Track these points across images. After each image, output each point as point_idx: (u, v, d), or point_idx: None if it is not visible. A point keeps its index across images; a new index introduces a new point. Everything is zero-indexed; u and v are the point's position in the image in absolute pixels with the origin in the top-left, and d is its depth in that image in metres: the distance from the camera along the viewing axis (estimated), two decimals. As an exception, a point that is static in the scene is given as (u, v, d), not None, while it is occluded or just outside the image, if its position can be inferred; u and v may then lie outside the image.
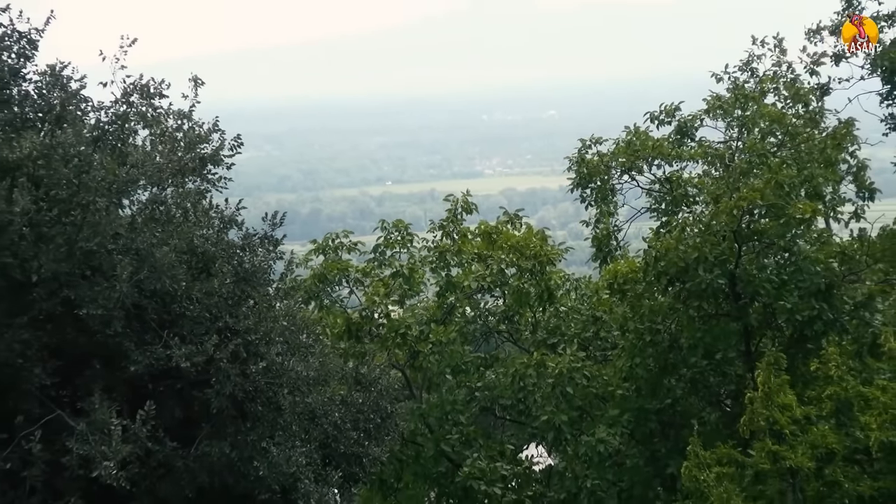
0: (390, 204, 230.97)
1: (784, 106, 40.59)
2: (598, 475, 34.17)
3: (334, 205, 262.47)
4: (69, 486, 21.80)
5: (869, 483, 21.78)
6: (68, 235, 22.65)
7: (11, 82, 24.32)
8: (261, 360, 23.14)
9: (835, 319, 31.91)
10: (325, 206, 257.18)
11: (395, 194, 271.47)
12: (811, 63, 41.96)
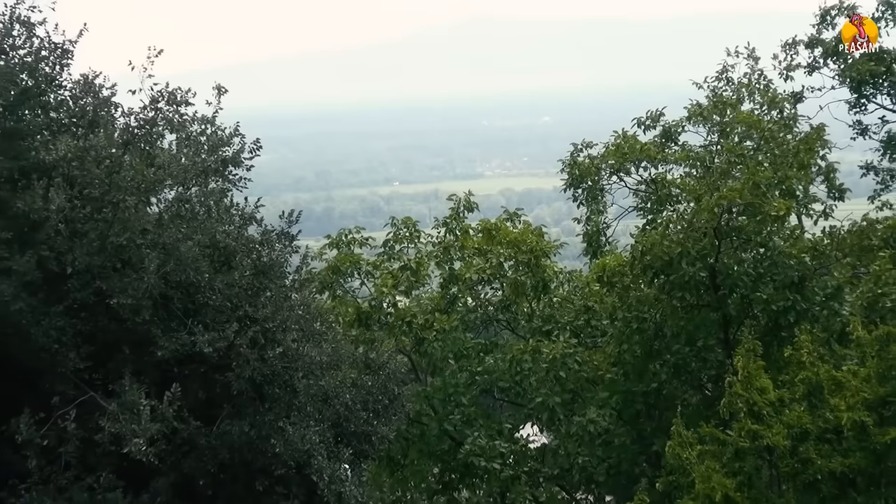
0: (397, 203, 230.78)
1: (760, 112, 40.59)
2: (588, 452, 34.23)
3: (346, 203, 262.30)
4: (101, 461, 21.81)
5: (840, 460, 21.74)
6: (100, 231, 22.67)
7: (48, 90, 24.34)
8: (278, 346, 23.15)
9: (807, 309, 31.93)
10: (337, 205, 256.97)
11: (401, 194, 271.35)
12: (784, 69, 41.96)
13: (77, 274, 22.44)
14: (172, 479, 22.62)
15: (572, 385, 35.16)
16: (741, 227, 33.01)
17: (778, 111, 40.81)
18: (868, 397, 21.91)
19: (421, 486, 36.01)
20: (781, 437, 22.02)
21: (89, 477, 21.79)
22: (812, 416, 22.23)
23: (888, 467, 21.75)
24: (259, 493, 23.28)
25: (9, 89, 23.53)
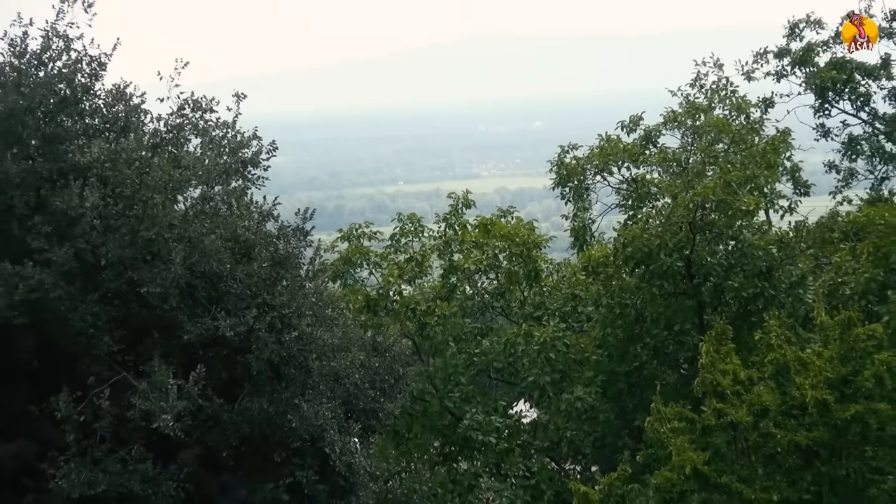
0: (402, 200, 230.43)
1: (730, 117, 40.59)
2: (575, 427, 34.26)
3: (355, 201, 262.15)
4: (132, 435, 21.82)
5: (805, 434, 21.74)
6: (131, 226, 22.65)
7: (84, 98, 24.31)
8: (293, 331, 23.14)
9: (774, 296, 31.95)
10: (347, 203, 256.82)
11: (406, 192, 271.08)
12: (746, 73, 41.99)
13: (110, 265, 22.44)
14: (198, 452, 22.63)
15: (561, 365, 35.18)
16: (714, 221, 33.01)
17: (745, 116, 40.79)
18: (830, 376, 21.90)
19: (423, 457, 36.00)
20: (744, 414, 22.04)
21: (122, 450, 21.81)
22: (773, 395, 22.24)
23: (848, 440, 21.75)
24: (277, 463, 23.28)
25: (48, 98, 23.51)
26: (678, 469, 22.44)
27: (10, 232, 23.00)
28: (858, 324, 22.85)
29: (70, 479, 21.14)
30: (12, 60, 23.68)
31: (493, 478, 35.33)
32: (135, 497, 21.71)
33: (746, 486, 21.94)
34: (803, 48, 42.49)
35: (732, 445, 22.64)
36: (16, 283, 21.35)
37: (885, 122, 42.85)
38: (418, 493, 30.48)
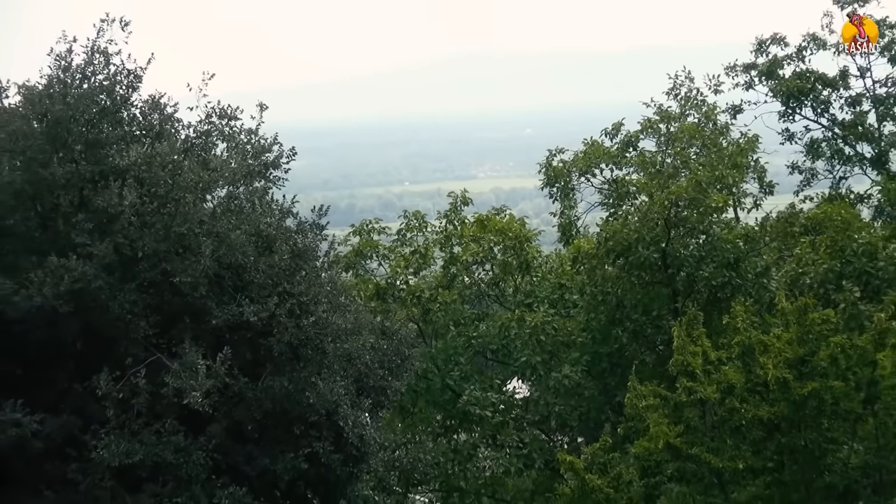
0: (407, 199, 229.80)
1: (700, 123, 40.59)
2: (563, 402, 34.34)
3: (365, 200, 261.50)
4: (166, 410, 21.84)
5: (767, 408, 21.80)
6: (165, 222, 22.67)
7: (122, 108, 24.34)
8: (310, 316, 23.15)
9: (741, 285, 32.04)
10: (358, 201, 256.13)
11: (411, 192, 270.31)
12: (714, 85, 41.99)
13: (146, 257, 22.46)
14: (225, 425, 22.67)
15: (550, 347, 35.23)
16: (686, 217, 33.11)
17: (713, 122, 40.81)
18: (790, 357, 21.96)
19: (427, 430, 36.05)
20: (712, 392, 22.09)
21: (156, 423, 21.84)
22: (739, 374, 22.29)
23: (806, 414, 21.82)
24: (296, 436, 23.30)
25: (91, 108, 23.53)
26: (654, 441, 22.53)
27: (56, 228, 23.09)
28: (815, 310, 22.93)
29: (110, 450, 21.18)
30: (58, 74, 23.71)
31: (490, 448, 35.46)
32: (168, 465, 21.75)
33: (715, 457, 22.02)
34: (769, 62, 42.50)
35: (702, 419, 22.70)
36: (62, 274, 21.39)
37: (843, 127, 42.84)
38: (422, 462, 30.46)
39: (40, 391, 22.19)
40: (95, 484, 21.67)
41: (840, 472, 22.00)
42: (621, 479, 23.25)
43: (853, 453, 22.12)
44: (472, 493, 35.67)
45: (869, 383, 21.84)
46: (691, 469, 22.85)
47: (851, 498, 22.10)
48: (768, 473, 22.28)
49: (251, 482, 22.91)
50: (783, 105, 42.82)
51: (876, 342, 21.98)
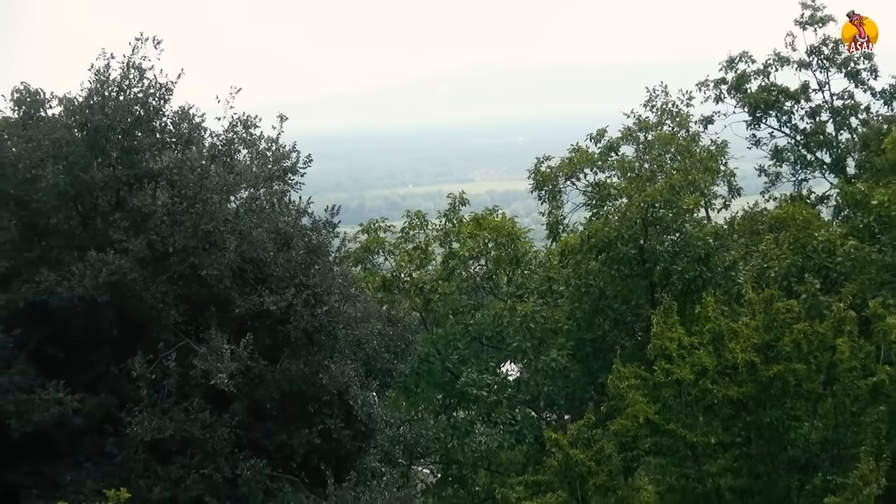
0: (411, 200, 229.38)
1: (674, 132, 40.60)
2: (551, 383, 34.35)
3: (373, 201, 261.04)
4: (194, 390, 21.88)
5: (736, 389, 21.82)
6: (193, 221, 22.69)
7: (155, 118, 24.35)
8: (324, 305, 23.16)
9: (711, 278, 32.06)
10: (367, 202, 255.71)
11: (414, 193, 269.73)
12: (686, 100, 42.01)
13: (176, 252, 22.49)
14: (246, 404, 22.69)
15: (539, 334, 35.26)
16: (662, 217, 33.14)
17: (686, 131, 40.84)
18: (756, 342, 21.97)
19: (428, 408, 36.08)
20: (687, 373, 22.11)
21: (185, 402, 21.87)
22: (714, 357, 22.31)
23: (770, 394, 21.83)
24: (311, 413, 23.33)
25: (126, 118, 23.52)
26: (633, 418, 22.53)
27: (95, 226, 23.13)
28: (779, 300, 22.94)
29: (143, 426, 21.22)
30: (97, 87, 23.72)
31: (485, 424, 35.47)
32: (195, 440, 21.78)
33: (689, 432, 22.03)
34: (738, 77, 42.52)
35: (678, 399, 22.70)
36: (100, 267, 21.42)
37: (804, 135, 42.90)
38: (424, 437, 30.51)
39: (80, 373, 22.24)
40: (130, 457, 21.73)
41: (802, 447, 22.02)
42: (602, 453, 23.26)
43: (813, 430, 22.14)
44: (469, 465, 35.76)
45: (828, 366, 21.86)
46: (667, 443, 22.86)
47: (812, 470, 22.11)
48: (737, 447, 22.30)
49: (270, 455, 22.96)
50: (750, 115, 42.89)
51: (834, 329, 22.00)
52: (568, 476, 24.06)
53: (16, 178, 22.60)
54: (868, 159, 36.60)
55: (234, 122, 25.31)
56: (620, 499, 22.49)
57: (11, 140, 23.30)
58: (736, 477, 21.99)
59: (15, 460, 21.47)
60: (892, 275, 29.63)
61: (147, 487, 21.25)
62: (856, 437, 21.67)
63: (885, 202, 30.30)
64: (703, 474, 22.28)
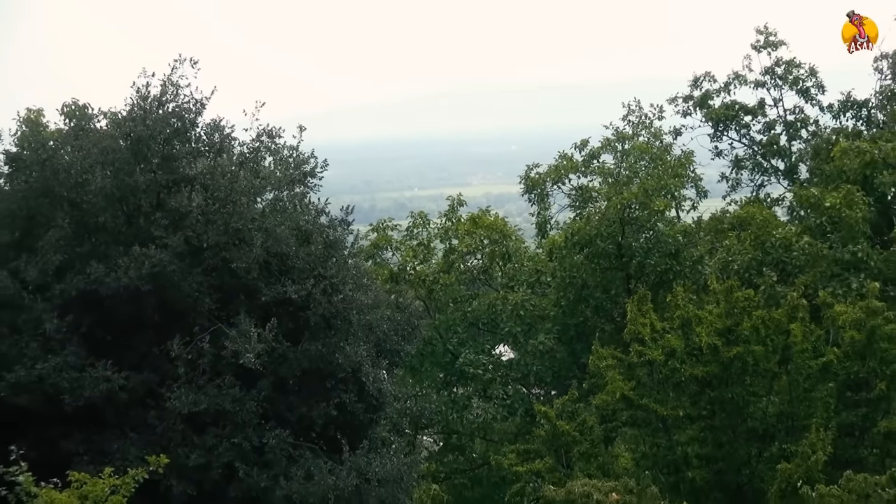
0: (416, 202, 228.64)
1: (647, 142, 40.61)
2: (539, 363, 34.46)
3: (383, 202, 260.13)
4: (225, 368, 21.89)
5: (701, 368, 21.88)
6: (225, 220, 22.70)
7: (190, 129, 24.37)
8: (339, 294, 23.16)
9: (680, 271, 32.12)
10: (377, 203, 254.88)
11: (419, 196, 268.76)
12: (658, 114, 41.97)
13: (210, 247, 22.51)
14: (272, 380, 22.69)
15: (528, 319, 35.37)
16: (637, 217, 33.20)
17: (659, 141, 40.87)
18: (719, 327, 22.05)
19: (431, 385, 36.14)
20: (658, 354, 22.17)
21: (218, 379, 21.87)
22: (682, 340, 22.38)
23: (732, 373, 21.91)
24: (328, 389, 23.33)
25: (165, 129, 23.55)
26: (611, 394, 22.62)
27: (138, 224, 23.14)
28: (740, 290, 23.01)
29: (181, 400, 21.25)
30: (139, 102, 23.75)
31: (481, 399, 35.57)
32: (227, 412, 21.80)
33: (660, 406, 22.11)
34: (702, 95, 42.54)
35: (650, 377, 22.78)
36: (143, 261, 21.44)
37: (760, 146, 42.92)
38: (428, 410, 30.50)
39: (126, 353, 22.27)
40: (169, 427, 21.75)
41: (760, 419, 22.09)
42: (585, 425, 23.34)
43: (770, 404, 22.21)
44: (467, 435, 35.83)
45: (783, 348, 21.95)
46: (641, 416, 22.92)
47: (768, 440, 22.18)
48: (702, 420, 22.36)
49: (292, 426, 22.97)
50: (713, 128, 42.91)
51: (789, 316, 22.09)
52: (554, 444, 24.16)
53: (69, 182, 22.65)
54: (818, 167, 36.60)
55: (260, 132, 25.31)
56: (601, 464, 22.56)
57: (64, 149, 23.37)
58: (702, 446, 22.06)
59: (68, 430, 21.53)
60: (840, 268, 29.74)
61: (184, 455, 21.29)
62: (807, 410, 21.76)
63: (836, 204, 30.39)
64: (673, 443, 22.35)
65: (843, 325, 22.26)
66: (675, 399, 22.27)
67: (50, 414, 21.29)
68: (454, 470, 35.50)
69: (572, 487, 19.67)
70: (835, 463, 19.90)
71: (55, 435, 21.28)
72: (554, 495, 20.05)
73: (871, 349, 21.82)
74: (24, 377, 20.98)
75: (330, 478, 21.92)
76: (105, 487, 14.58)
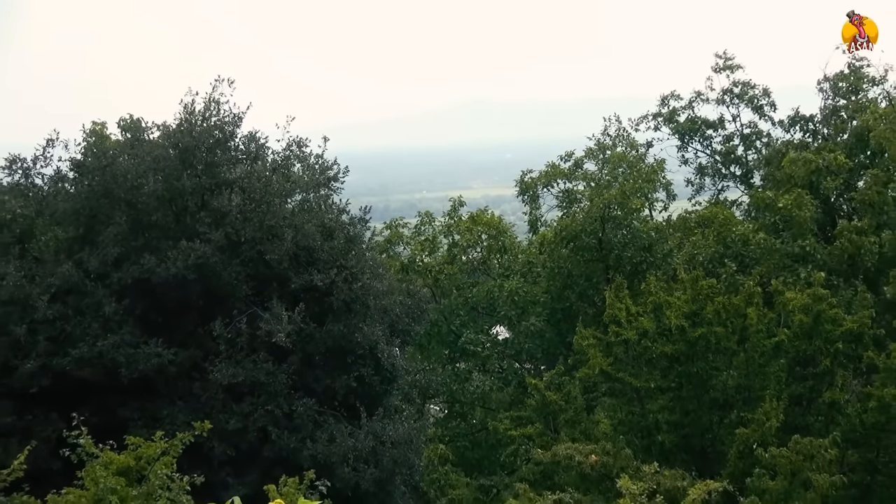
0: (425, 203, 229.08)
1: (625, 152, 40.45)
2: (530, 342, 34.47)
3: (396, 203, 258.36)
4: (259, 345, 21.93)
5: (670, 346, 21.83)
6: (260, 218, 22.73)
7: (230, 139, 24.40)
8: (358, 282, 23.20)
9: (653, 262, 32.02)
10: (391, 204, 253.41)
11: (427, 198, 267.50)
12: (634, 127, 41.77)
13: (246, 242, 22.53)
14: (300, 356, 22.75)
15: (521, 304, 35.30)
16: (616, 216, 33.11)
17: (635, 151, 40.70)
18: (686, 311, 21.98)
19: (437, 360, 36.16)
20: (632, 334, 22.12)
21: (253, 355, 21.93)
22: (654, 322, 22.32)
23: (696, 350, 21.83)
24: (348, 363, 23.38)
25: (208, 140, 23.60)
26: (592, 368, 22.56)
27: (185, 222, 23.17)
28: (704, 279, 22.95)
29: (222, 373, 21.31)
30: (186, 117, 23.81)
31: (480, 373, 35.55)
32: (261, 384, 21.86)
33: (634, 379, 22.06)
34: (670, 111, 42.38)
35: (626, 354, 22.72)
36: (189, 253, 21.49)
37: (720, 155, 42.80)
38: (434, 382, 30.58)
39: (174, 333, 22.33)
40: (212, 397, 21.82)
41: (721, 390, 22.03)
42: (570, 395, 23.30)
43: (729, 377, 22.14)
44: (468, 404, 35.80)
45: (741, 329, 21.88)
46: (618, 388, 22.88)
47: (728, 408, 22.12)
48: (671, 391, 22.31)
49: (318, 395, 23.04)
50: (680, 140, 42.74)
51: (746, 301, 22.01)
52: (543, 412, 24.13)
53: (125, 185, 22.69)
54: (770, 174, 36.52)
55: (290, 142, 25.37)
56: (583, 430, 22.52)
57: (122, 157, 23.42)
58: (670, 413, 22.02)
59: (125, 399, 21.61)
60: (791, 260, 29.72)
61: (224, 420, 21.35)
62: (761, 383, 21.71)
63: (787, 206, 30.40)
64: (646, 411, 22.31)
65: (793, 310, 22.20)
66: (648, 373, 22.23)
67: (109, 385, 21.36)
68: (457, 434, 35.49)
69: (558, 450, 19.68)
70: (785, 428, 19.85)
71: (113, 403, 21.36)
72: (542, 456, 20.06)
73: (816, 330, 21.76)
74: (87, 353, 21.04)
75: (350, 440, 21.98)
76: (157, 449, 14.60)
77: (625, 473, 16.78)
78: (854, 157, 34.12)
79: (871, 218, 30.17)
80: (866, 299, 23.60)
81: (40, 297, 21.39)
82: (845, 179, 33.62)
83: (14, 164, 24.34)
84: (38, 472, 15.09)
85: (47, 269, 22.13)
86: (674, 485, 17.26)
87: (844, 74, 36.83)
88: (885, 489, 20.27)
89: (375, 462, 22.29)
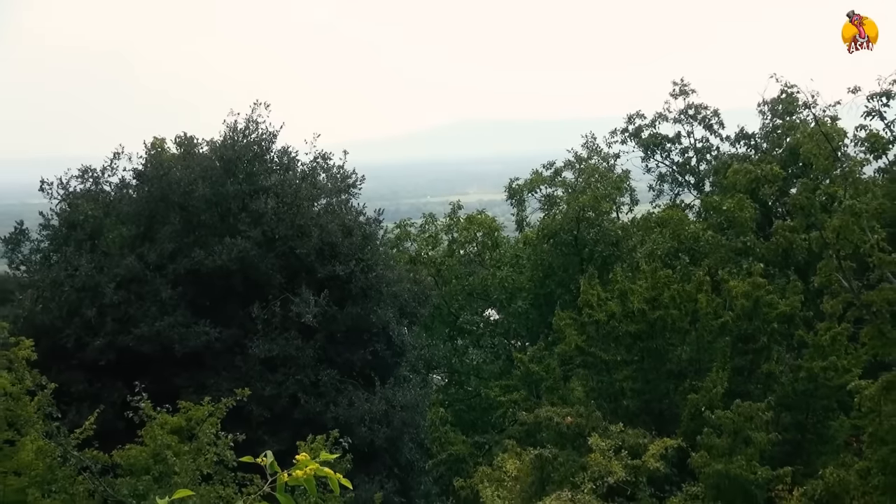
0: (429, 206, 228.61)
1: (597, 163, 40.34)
2: (517, 322, 34.41)
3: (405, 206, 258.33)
4: (291, 325, 22.00)
5: (634, 326, 21.82)
6: (291, 218, 22.77)
7: (266, 153, 24.41)
8: (373, 272, 23.24)
9: (620, 256, 31.98)
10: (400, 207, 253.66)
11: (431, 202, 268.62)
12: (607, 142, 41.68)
13: (280, 239, 22.58)
14: (324, 334, 22.81)
15: (510, 290, 35.26)
16: (589, 217, 33.06)
17: (605, 162, 40.61)
18: (647, 296, 21.97)
19: (439, 337, 36.16)
20: (602, 315, 22.11)
21: (286, 333, 21.99)
22: (620, 305, 22.31)
23: (655, 329, 21.81)
24: (365, 340, 23.43)
25: (248, 153, 23.62)
26: (568, 344, 22.56)
27: (228, 222, 23.19)
28: (662, 270, 22.93)
29: (259, 348, 21.38)
30: (229, 134, 23.82)
31: (475, 348, 35.56)
32: (292, 357, 21.92)
33: (604, 353, 22.05)
34: (635, 128, 42.27)
35: (597, 332, 22.72)
36: (232, 248, 21.54)
37: (677, 165, 42.74)
38: (436, 356, 30.63)
39: (220, 314, 22.37)
40: (251, 368, 21.88)
41: (675, 363, 22.03)
42: (549, 367, 23.33)
43: (683, 352, 22.13)
44: (465, 374, 35.80)
45: (692, 312, 21.85)
46: (590, 360, 22.85)
47: (682, 377, 22.10)
48: (634, 363, 22.30)
49: (339, 367, 23.09)
50: (644, 152, 42.63)
51: (697, 289, 22.00)
52: (527, 381, 24.17)
53: (179, 191, 22.73)
54: (718, 181, 36.48)
55: (316, 155, 25.39)
56: (561, 396, 22.53)
57: (176, 167, 23.43)
58: (634, 382, 22.01)
59: (178, 371, 21.66)
60: (734, 254, 29.70)
61: (261, 388, 21.41)
62: (710, 356, 21.72)
63: (731, 208, 30.41)
64: (613, 380, 22.31)
65: (736, 296, 22.18)
66: (615, 348, 22.22)
67: (164, 358, 21.43)
68: (456, 399, 35.48)
69: (539, 413, 19.70)
70: (729, 394, 19.86)
71: (168, 374, 21.42)
72: (527, 418, 20.09)
73: (756, 312, 21.74)
74: (147, 332, 21.11)
75: (366, 405, 22.04)
76: (204, 412, 14.68)
77: (595, 432, 16.85)
78: (787, 168, 34.03)
79: (801, 219, 29.99)
80: (797, 287, 23.56)
81: (108, 284, 21.47)
82: (780, 187, 33.37)
83: (86, 173, 24.46)
84: (106, 432, 15.13)
85: (114, 262, 22.18)
86: (636, 442, 17.31)
87: (781, 99, 36.78)
88: (813, 445, 20.31)
89: (387, 423, 22.36)
